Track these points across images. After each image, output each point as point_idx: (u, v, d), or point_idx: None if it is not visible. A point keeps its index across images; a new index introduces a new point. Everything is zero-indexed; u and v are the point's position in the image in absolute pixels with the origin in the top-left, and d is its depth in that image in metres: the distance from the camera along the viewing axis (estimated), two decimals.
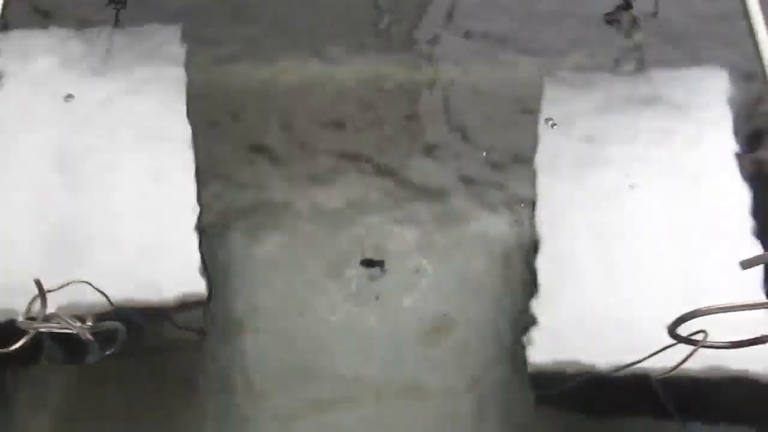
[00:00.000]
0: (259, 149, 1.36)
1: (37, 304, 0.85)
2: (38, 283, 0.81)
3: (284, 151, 1.35)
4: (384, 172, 1.33)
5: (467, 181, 1.32)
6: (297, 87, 1.43)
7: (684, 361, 0.87)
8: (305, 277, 1.22)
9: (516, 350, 1.09)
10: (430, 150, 1.36)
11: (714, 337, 0.85)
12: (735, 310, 0.77)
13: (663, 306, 0.99)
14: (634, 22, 1.41)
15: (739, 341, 0.84)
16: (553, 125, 1.23)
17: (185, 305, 1.07)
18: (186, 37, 1.34)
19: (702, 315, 0.80)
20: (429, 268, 1.23)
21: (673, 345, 0.85)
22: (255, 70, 1.45)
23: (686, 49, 1.35)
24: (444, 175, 1.33)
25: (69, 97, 1.24)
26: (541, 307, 1.06)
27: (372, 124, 1.40)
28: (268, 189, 1.31)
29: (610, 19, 1.43)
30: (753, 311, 0.79)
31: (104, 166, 1.19)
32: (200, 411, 1.10)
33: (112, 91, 1.27)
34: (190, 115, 1.24)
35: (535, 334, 1.04)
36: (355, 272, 1.23)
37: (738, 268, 0.73)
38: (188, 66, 1.30)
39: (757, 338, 0.82)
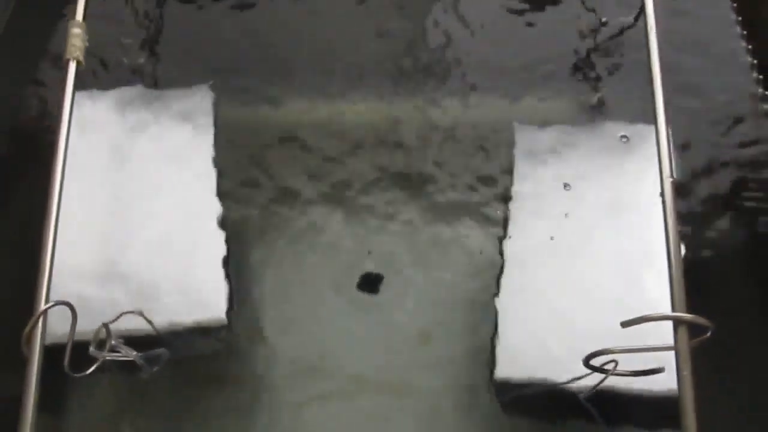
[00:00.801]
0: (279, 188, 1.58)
1: (101, 335, 1.13)
2: (106, 326, 1.08)
3: (296, 184, 1.57)
4: (383, 201, 1.55)
5: (459, 212, 1.53)
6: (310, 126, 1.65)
7: (598, 384, 1.13)
8: (313, 292, 1.44)
9: (489, 357, 1.32)
10: (425, 180, 1.57)
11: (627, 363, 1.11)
12: (629, 352, 1.03)
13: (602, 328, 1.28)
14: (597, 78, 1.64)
15: (640, 371, 1.09)
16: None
17: (210, 328, 1.33)
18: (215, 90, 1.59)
19: (607, 354, 1.05)
20: (420, 283, 1.45)
21: (589, 374, 1.10)
22: (279, 116, 1.67)
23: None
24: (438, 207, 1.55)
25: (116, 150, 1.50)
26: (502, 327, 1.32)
27: (378, 158, 1.61)
28: (279, 218, 1.53)
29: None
30: None
31: (144, 210, 1.43)
32: (225, 402, 1.33)
33: (151, 142, 1.51)
34: (217, 163, 1.50)
35: (498, 350, 1.30)
36: (357, 287, 1.44)
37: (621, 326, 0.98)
38: (217, 119, 1.55)
39: (653, 369, 1.07)
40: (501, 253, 1.40)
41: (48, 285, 0.98)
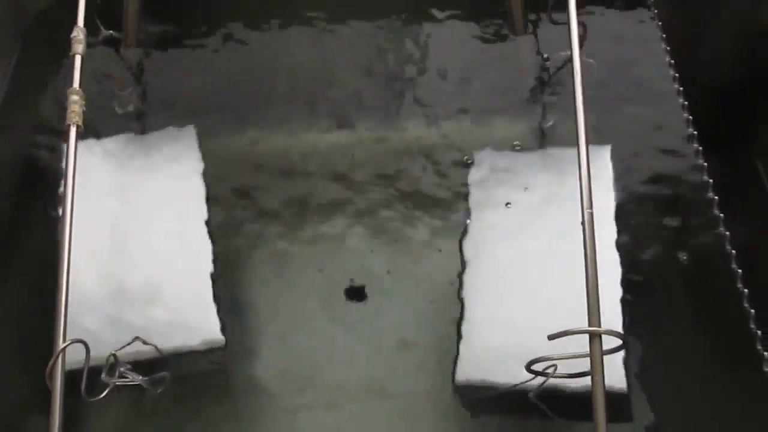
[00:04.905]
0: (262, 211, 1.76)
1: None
2: (116, 356, 1.26)
3: (283, 209, 1.75)
4: (365, 225, 1.73)
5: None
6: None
7: (540, 386, 1.32)
8: (301, 308, 1.61)
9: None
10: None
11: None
12: (561, 359, 1.20)
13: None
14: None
15: (574, 373, 1.25)
16: None
17: (209, 350, 1.50)
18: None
19: (544, 360, 1.23)
20: (398, 296, 1.62)
21: (532, 378, 1.29)
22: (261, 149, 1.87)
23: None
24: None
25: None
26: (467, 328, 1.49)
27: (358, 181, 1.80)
28: (266, 243, 1.71)
29: None
30: None
31: (140, 243, 1.60)
32: (221, 410, 1.49)
33: (143, 182, 1.69)
34: (208, 195, 1.67)
35: (462, 351, 1.47)
36: (341, 302, 1.62)
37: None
38: (203, 155, 1.73)
39: (585, 372, 1.24)
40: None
41: (65, 325, 1.14)
